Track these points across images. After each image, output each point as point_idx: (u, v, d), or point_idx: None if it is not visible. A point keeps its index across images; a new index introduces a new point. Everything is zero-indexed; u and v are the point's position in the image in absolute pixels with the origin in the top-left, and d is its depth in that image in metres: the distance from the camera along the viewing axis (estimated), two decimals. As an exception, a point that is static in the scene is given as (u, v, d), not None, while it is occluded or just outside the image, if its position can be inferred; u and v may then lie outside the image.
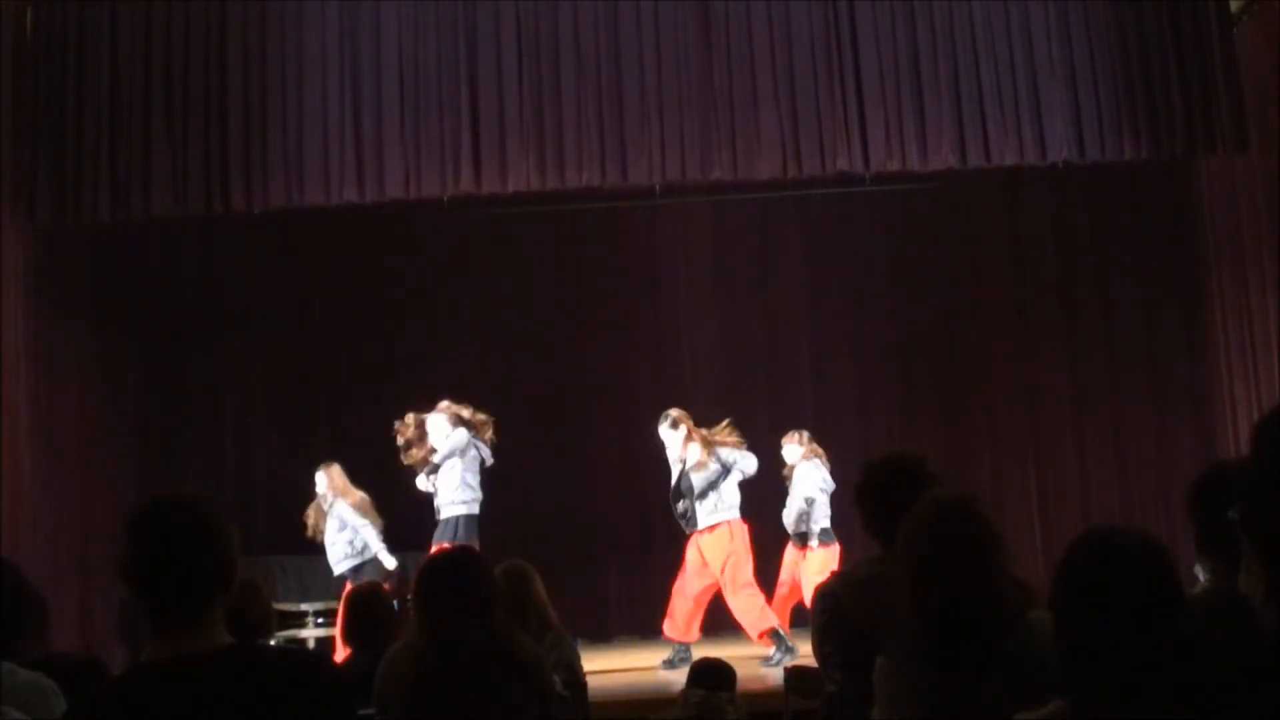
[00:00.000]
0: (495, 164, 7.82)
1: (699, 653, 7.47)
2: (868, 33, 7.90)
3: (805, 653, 4.89)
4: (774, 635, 7.74)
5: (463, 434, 7.93)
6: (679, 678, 5.53)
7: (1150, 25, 7.95)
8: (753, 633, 7.83)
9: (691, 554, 7.95)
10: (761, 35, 7.89)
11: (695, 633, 7.95)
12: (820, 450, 8.31)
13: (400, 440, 8.11)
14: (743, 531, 7.94)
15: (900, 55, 7.90)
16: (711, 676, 4.67)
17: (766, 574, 8.16)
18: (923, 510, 2.67)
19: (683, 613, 7.90)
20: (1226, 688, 1.99)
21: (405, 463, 8.09)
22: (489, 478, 8.09)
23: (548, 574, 4.83)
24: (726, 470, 7.92)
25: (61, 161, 7.84)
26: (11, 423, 7.50)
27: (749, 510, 8.07)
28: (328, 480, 8.34)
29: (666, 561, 8.39)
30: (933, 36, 7.91)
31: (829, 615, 3.29)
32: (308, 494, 10.16)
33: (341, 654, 5.09)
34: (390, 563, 8.15)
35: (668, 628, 7.97)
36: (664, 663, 7.75)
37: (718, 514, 7.89)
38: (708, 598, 7.93)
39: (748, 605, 7.82)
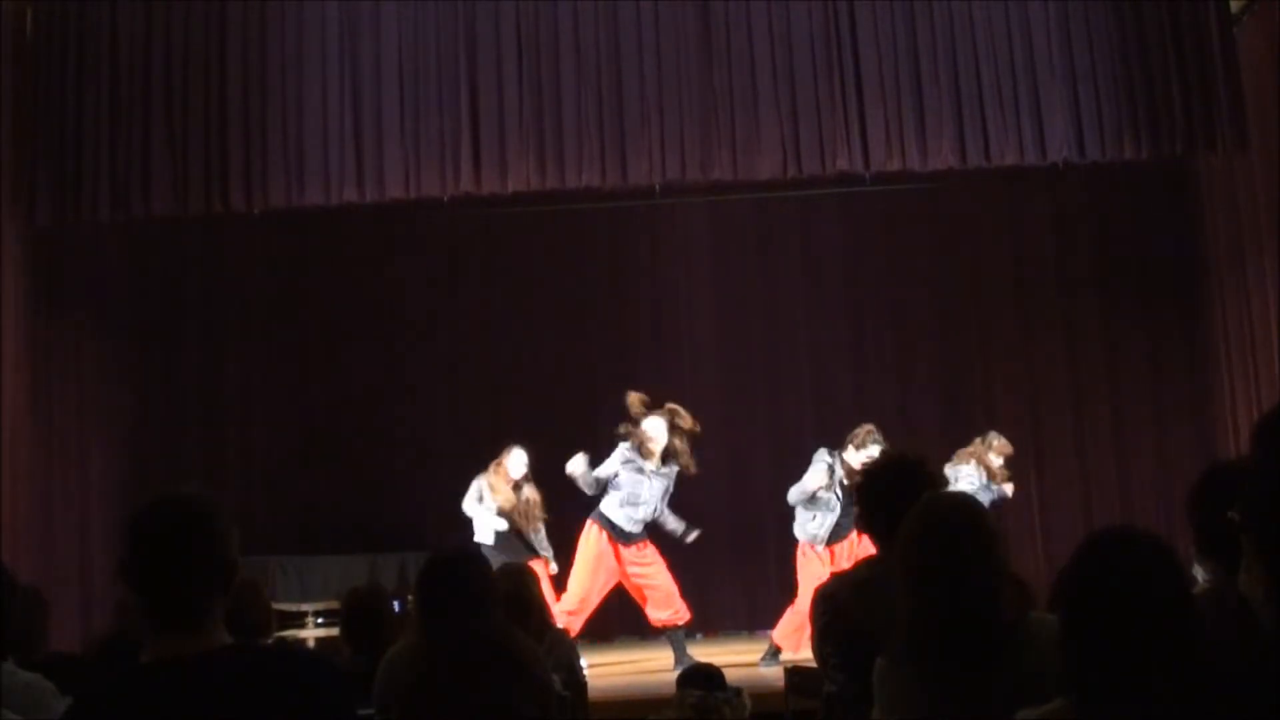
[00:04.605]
0: (495, 164, 7.81)
1: (698, 653, 7.49)
2: (868, 33, 7.90)
3: (806, 654, 4.89)
4: None
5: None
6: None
7: (1150, 25, 7.94)
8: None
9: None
10: (761, 35, 7.89)
11: None
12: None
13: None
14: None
15: (900, 55, 7.89)
16: (703, 679, 4.67)
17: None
18: (921, 510, 2.67)
19: None
20: (1227, 688, 1.99)
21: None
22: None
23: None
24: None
25: (61, 161, 7.84)
26: (12, 423, 7.50)
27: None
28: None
29: (665, 560, 8.37)
30: (933, 36, 7.90)
31: (829, 616, 3.28)
32: (307, 493, 10.17)
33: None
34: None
35: None
36: None
37: None
38: None
39: None
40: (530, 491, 8.09)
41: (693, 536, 8.01)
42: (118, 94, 7.88)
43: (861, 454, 7.88)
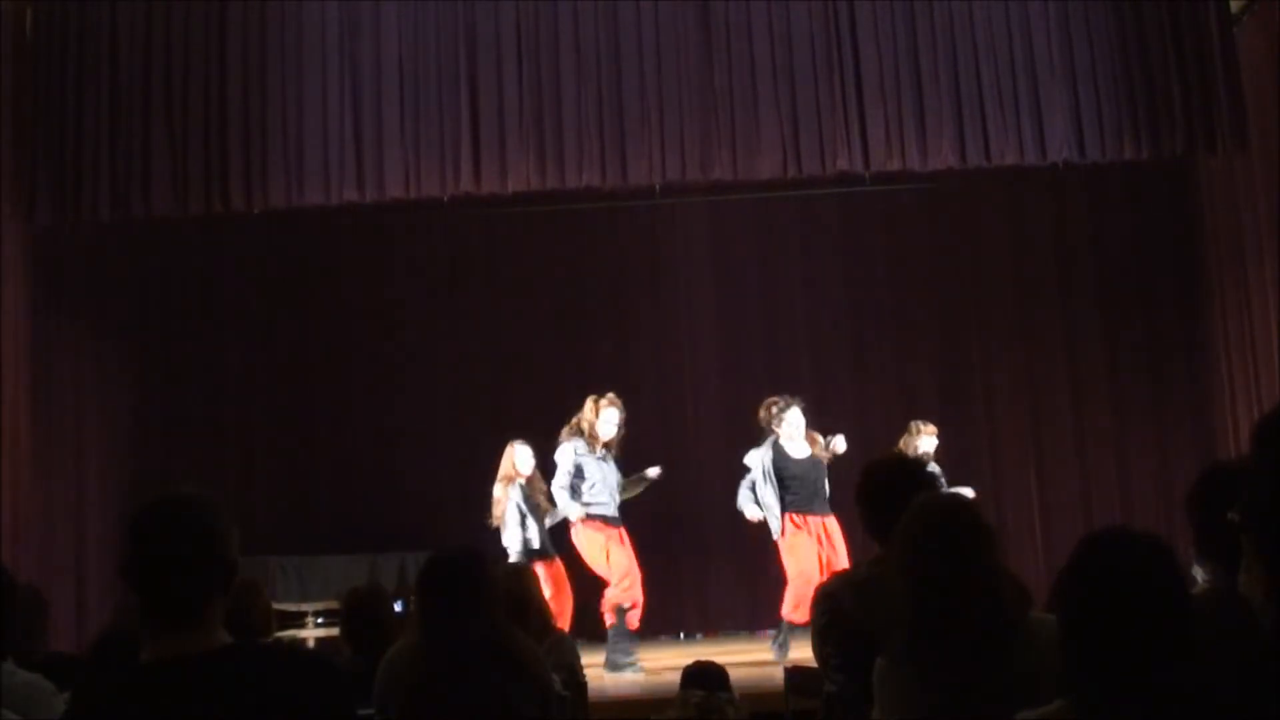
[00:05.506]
0: (495, 164, 7.81)
1: (698, 653, 7.48)
2: (868, 33, 7.90)
3: (806, 654, 4.90)
4: None
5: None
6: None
7: (1150, 25, 7.95)
8: None
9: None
10: (761, 35, 7.89)
11: None
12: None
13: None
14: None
15: (900, 55, 7.89)
16: (706, 678, 4.67)
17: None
18: (920, 510, 2.67)
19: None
20: (1227, 688, 1.99)
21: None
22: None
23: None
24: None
25: (61, 161, 7.84)
26: (11, 422, 7.51)
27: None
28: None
29: (665, 560, 8.39)
30: (933, 36, 7.91)
31: (829, 616, 3.29)
32: (307, 493, 10.16)
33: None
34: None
35: None
36: None
37: None
38: None
39: None
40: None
41: (655, 472, 7.95)
42: (118, 94, 7.88)
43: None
